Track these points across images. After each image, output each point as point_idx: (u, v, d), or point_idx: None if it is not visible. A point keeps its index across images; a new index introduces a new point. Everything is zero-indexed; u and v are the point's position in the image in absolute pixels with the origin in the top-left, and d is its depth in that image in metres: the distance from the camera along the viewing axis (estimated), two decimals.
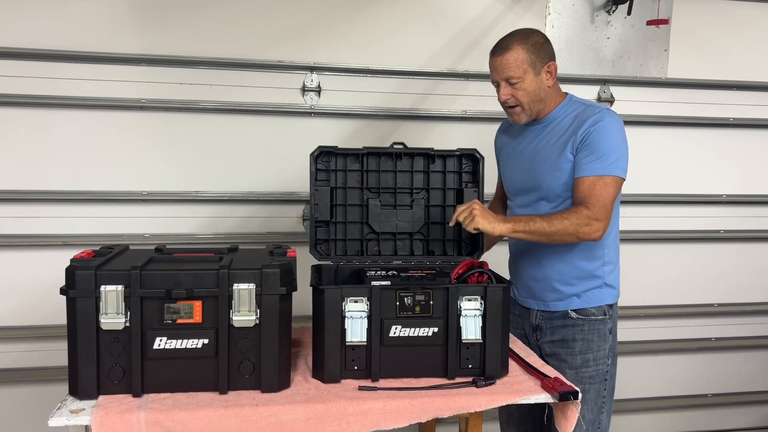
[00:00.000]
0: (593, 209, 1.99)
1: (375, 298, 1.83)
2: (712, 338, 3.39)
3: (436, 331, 1.86)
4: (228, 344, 1.70)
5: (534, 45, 2.10)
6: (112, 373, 1.67)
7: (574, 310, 2.15)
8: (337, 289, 1.83)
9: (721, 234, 3.34)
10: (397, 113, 2.96)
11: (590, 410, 2.12)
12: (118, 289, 1.64)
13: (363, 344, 1.82)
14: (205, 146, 2.83)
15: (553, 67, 2.13)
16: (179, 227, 2.82)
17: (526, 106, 2.14)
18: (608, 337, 2.16)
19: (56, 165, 2.70)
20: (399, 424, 1.71)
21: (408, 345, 1.85)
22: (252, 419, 1.63)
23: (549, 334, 2.20)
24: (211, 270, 1.69)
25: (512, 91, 2.12)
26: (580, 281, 2.15)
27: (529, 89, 2.11)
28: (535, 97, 2.12)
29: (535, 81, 2.11)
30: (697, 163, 3.29)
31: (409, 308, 1.85)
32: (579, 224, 1.98)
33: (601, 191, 2.02)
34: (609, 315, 2.17)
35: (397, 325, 1.84)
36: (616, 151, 2.05)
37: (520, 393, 1.78)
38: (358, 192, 2.23)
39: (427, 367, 1.87)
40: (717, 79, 3.22)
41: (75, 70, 2.66)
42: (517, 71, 2.09)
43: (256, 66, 2.81)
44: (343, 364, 1.84)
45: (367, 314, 1.82)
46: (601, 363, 2.15)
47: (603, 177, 2.03)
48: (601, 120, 2.07)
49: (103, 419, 1.57)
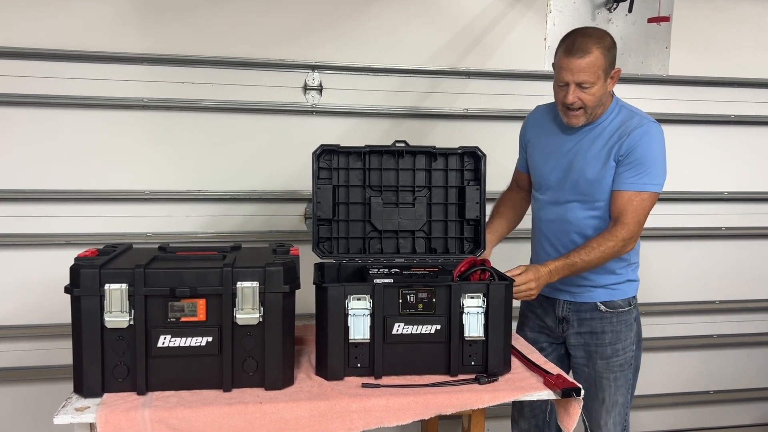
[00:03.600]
0: (628, 229, 2.05)
1: (378, 295, 1.84)
2: (713, 335, 3.40)
3: (439, 328, 1.87)
4: (232, 342, 1.71)
5: (610, 50, 2.09)
6: (117, 371, 1.68)
7: (603, 303, 2.19)
8: (340, 287, 1.84)
9: (722, 231, 3.34)
10: (398, 111, 2.97)
11: (622, 394, 2.20)
12: (123, 287, 1.65)
13: (366, 342, 1.83)
14: (207, 145, 2.83)
15: (617, 73, 2.13)
16: (182, 226, 2.83)
17: (589, 111, 2.11)
18: (633, 325, 2.23)
19: (60, 164, 2.71)
20: (402, 421, 1.71)
21: (411, 342, 1.86)
22: (256, 417, 1.64)
23: (577, 325, 2.23)
24: (214, 268, 1.69)
25: (580, 94, 2.07)
26: (607, 275, 2.19)
27: (597, 94, 2.08)
28: (599, 101, 2.11)
29: (602, 87, 2.09)
30: (698, 161, 3.29)
31: (411, 306, 1.86)
32: (616, 250, 2.06)
33: (638, 208, 2.07)
34: (633, 305, 2.23)
35: (400, 322, 1.85)
36: (657, 167, 2.09)
37: (523, 390, 1.79)
38: (360, 190, 2.23)
39: (430, 365, 1.88)
40: (718, 77, 3.22)
41: (78, 70, 2.67)
42: (592, 77, 2.05)
43: (257, 65, 2.82)
44: (347, 362, 1.84)
45: (369, 312, 1.83)
46: (628, 351, 2.21)
47: (641, 193, 2.07)
48: (645, 134, 2.09)
49: (108, 417, 1.58)
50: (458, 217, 2.24)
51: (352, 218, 2.23)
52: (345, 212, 2.23)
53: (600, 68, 2.05)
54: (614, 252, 2.06)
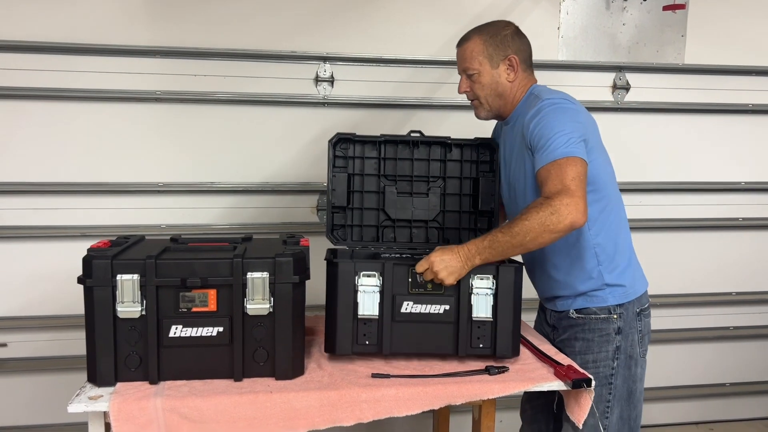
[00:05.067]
0: (553, 195, 1.78)
1: (387, 273, 1.86)
2: (730, 327, 3.37)
3: (448, 308, 1.87)
4: (242, 332, 1.72)
5: (493, 36, 2.02)
6: (129, 361, 1.69)
7: (576, 310, 2.04)
8: (351, 263, 1.86)
9: (739, 222, 3.30)
10: (410, 102, 2.96)
11: (592, 415, 1.96)
12: (134, 278, 1.66)
13: (374, 318, 1.85)
14: (219, 137, 2.85)
15: (514, 60, 2.02)
16: (195, 218, 2.85)
17: (483, 101, 2.07)
18: (613, 337, 2.00)
19: (74, 157, 2.74)
20: (412, 411, 1.72)
21: (419, 321, 1.87)
22: (266, 406, 1.65)
23: (561, 332, 2.12)
24: (225, 259, 1.70)
25: (470, 84, 2.07)
26: (581, 282, 2.02)
27: (485, 82, 2.04)
28: (491, 91, 2.05)
29: (491, 74, 2.03)
30: (714, 150, 3.25)
31: (421, 285, 1.87)
32: (543, 218, 1.76)
33: (557, 173, 1.81)
34: (617, 314, 2.00)
35: (409, 301, 1.86)
36: (559, 134, 1.84)
37: (533, 380, 1.78)
38: (375, 179, 2.24)
39: (438, 344, 1.88)
40: (735, 65, 3.17)
41: (90, 63, 2.69)
42: (472, 63, 2.03)
43: (269, 57, 2.82)
44: (355, 338, 1.86)
45: (379, 289, 1.85)
46: (602, 365, 1.99)
47: (554, 162, 1.83)
48: (537, 115, 1.91)
49: (121, 406, 1.60)
50: (472, 208, 2.24)
51: (367, 206, 2.24)
52: (360, 201, 2.24)
53: (480, 54, 2.02)
54: (540, 220, 1.76)
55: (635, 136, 3.16)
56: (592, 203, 1.93)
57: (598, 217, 1.99)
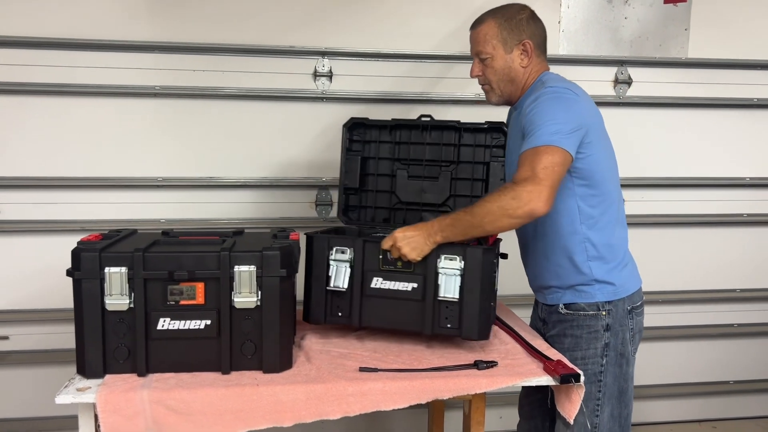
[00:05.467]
0: (520, 180, 1.76)
1: (358, 249, 1.94)
2: (734, 324, 3.33)
3: (416, 287, 1.90)
4: (230, 325, 1.72)
5: (509, 20, 1.99)
6: (118, 353, 1.70)
7: (565, 305, 2.01)
8: (325, 238, 1.96)
9: (744, 218, 3.26)
10: (409, 97, 2.95)
11: (581, 413, 1.90)
12: (122, 270, 1.67)
13: (344, 291, 1.93)
14: (218, 132, 2.85)
15: (528, 45, 1.99)
16: (194, 213, 2.86)
17: (494, 86, 2.04)
18: (602, 334, 1.97)
19: (73, 152, 2.76)
20: (399, 405, 1.71)
21: (389, 297, 1.93)
22: (253, 399, 1.66)
23: (551, 327, 2.08)
24: (212, 252, 1.71)
25: (482, 68, 2.04)
26: (570, 275, 1.99)
27: (497, 67, 2.00)
28: (504, 76, 2.01)
29: (504, 59, 2.00)
30: (719, 146, 3.21)
31: (391, 262, 1.91)
32: (503, 202, 1.75)
33: (532, 159, 1.77)
34: (605, 311, 1.97)
35: (378, 277, 1.93)
36: (548, 123, 1.81)
37: (522, 375, 1.78)
38: (388, 163, 2.32)
39: (407, 321, 1.93)
40: (740, 59, 3.13)
41: (89, 59, 2.71)
42: (486, 47, 2.00)
43: (267, 52, 2.82)
44: (328, 309, 1.96)
45: (350, 264, 1.93)
46: (591, 362, 1.96)
47: (534, 148, 1.79)
48: (533, 102, 1.89)
49: (108, 397, 1.61)
50: (483, 193, 2.24)
51: (380, 189, 2.33)
52: (373, 184, 2.36)
53: (494, 37, 1.98)
54: (499, 203, 1.76)
55: (637, 131, 3.13)
56: (586, 197, 1.93)
57: (591, 211, 1.95)
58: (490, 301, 1.91)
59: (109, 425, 1.60)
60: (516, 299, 2.71)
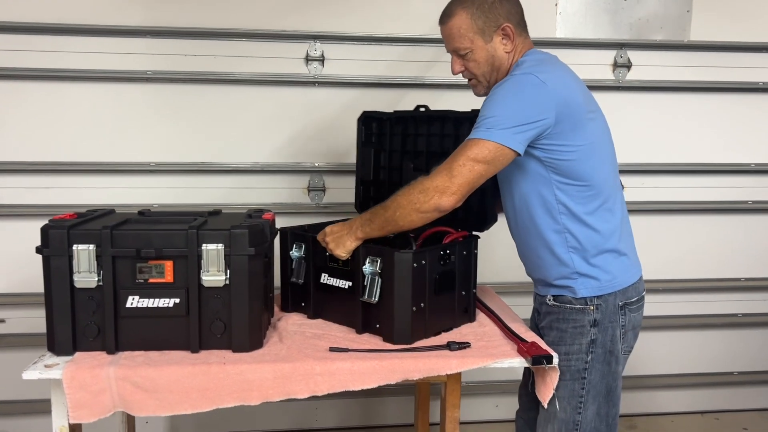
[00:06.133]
0: (434, 174, 1.73)
1: (308, 246, 2.03)
2: (738, 314, 3.26)
3: (351, 285, 1.92)
4: (199, 304, 1.72)
5: (480, 5, 1.81)
6: (88, 330, 1.71)
7: (553, 296, 1.92)
8: (286, 233, 2.08)
9: (748, 205, 3.19)
10: (403, 82, 2.93)
11: (563, 409, 1.86)
12: (90, 248, 1.67)
13: (299, 284, 2.04)
14: (210, 117, 2.86)
15: (509, 29, 1.83)
16: (186, 198, 2.87)
17: (481, 78, 1.89)
18: (587, 330, 1.86)
19: (65, 137, 2.78)
20: (367, 385, 1.69)
21: (334, 293, 1.97)
22: (219, 377, 1.65)
23: (542, 319, 1.99)
24: (180, 230, 1.70)
25: (464, 63, 1.88)
26: (552, 268, 1.89)
27: (480, 60, 1.85)
28: (489, 66, 1.86)
29: (485, 49, 1.84)
30: (722, 131, 3.14)
31: (333, 260, 1.95)
32: (412, 195, 1.73)
33: (456, 153, 1.72)
34: (593, 305, 1.85)
35: (325, 273, 1.99)
36: (488, 117, 1.71)
37: (494, 357, 1.74)
38: (398, 155, 2.34)
39: (349, 318, 1.95)
40: (744, 41, 3.06)
41: (81, 43, 2.72)
42: (463, 42, 1.83)
43: (259, 36, 2.82)
44: (293, 300, 2.09)
45: (305, 259, 2.04)
46: (575, 359, 1.86)
47: (467, 141, 1.71)
48: (497, 86, 1.77)
49: (74, 373, 1.61)
50: None
51: (392, 181, 2.34)
52: (385, 176, 2.38)
53: (469, 30, 1.81)
54: (411, 194, 1.73)
55: (637, 116, 3.06)
56: (564, 188, 1.80)
57: (571, 202, 1.82)
58: (413, 302, 1.82)
59: (75, 401, 1.61)
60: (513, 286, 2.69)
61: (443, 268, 1.90)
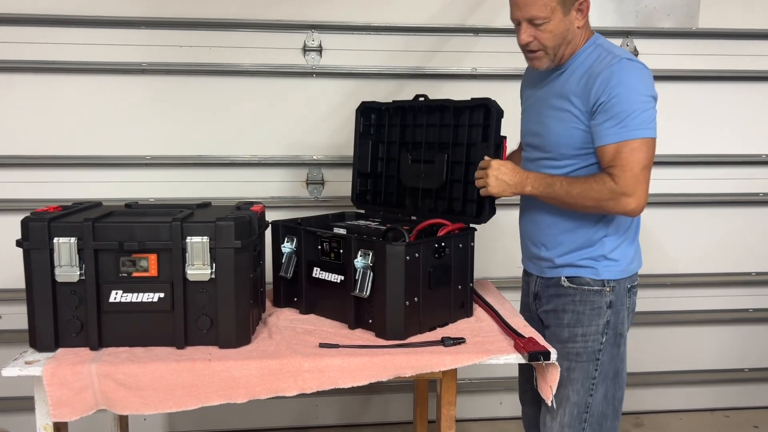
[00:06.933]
0: (619, 181, 1.72)
1: (299, 240, 1.99)
2: (749, 309, 3.18)
3: (343, 279, 1.87)
4: (184, 299, 1.67)
5: None
6: (71, 326, 1.67)
7: (567, 278, 1.91)
8: (277, 227, 2.04)
9: (760, 197, 3.10)
10: (402, 72, 2.87)
11: (576, 391, 1.88)
12: (71, 241, 1.63)
13: (288, 278, 1.99)
14: (207, 109, 2.81)
15: (585, 4, 1.81)
16: (182, 191, 2.82)
17: (550, 51, 1.83)
18: (604, 311, 1.88)
19: (60, 130, 2.74)
20: (358, 383, 1.64)
21: (326, 287, 1.93)
22: (204, 374, 1.60)
23: (545, 302, 1.99)
24: (164, 223, 1.65)
25: (535, 32, 1.81)
26: (578, 249, 1.90)
27: (556, 31, 1.80)
28: (561, 39, 1.82)
29: (563, 22, 1.79)
30: (732, 121, 3.05)
31: (326, 253, 1.91)
32: (601, 197, 1.75)
33: (628, 159, 1.72)
34: (610, 287, 1.88)
35: (317, 266, 1.95)
36: (638, 109, 1.73)
37: (489, 353, 1.68)
38: (396, 146, 2.28)
39: (341, 313, 1.90)
40: (754, 28, 2.97)
41: (76, 35, 2.68)
42: (543, 11, 1.77)
43: (255, 26, 2.76)
44: (285, 295, 2.05)
45: (296, 253, 1.99)
46: (591, 340, 1.88)
47: (628, 142, 1.72)
48: (617, 73, 1.74)
49: (55, 370, 1.57)
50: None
51: (388, 174, 2.31)
52: (383, 168, 2.33)
53: (553, 0, 1.77)
54: (598, 197, 1.75)
55: None
56: None
57: None
58: (406, 298, 1.77)
59: (56, 399, 1.57)
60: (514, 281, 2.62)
61: (438, 261, 1.84)
